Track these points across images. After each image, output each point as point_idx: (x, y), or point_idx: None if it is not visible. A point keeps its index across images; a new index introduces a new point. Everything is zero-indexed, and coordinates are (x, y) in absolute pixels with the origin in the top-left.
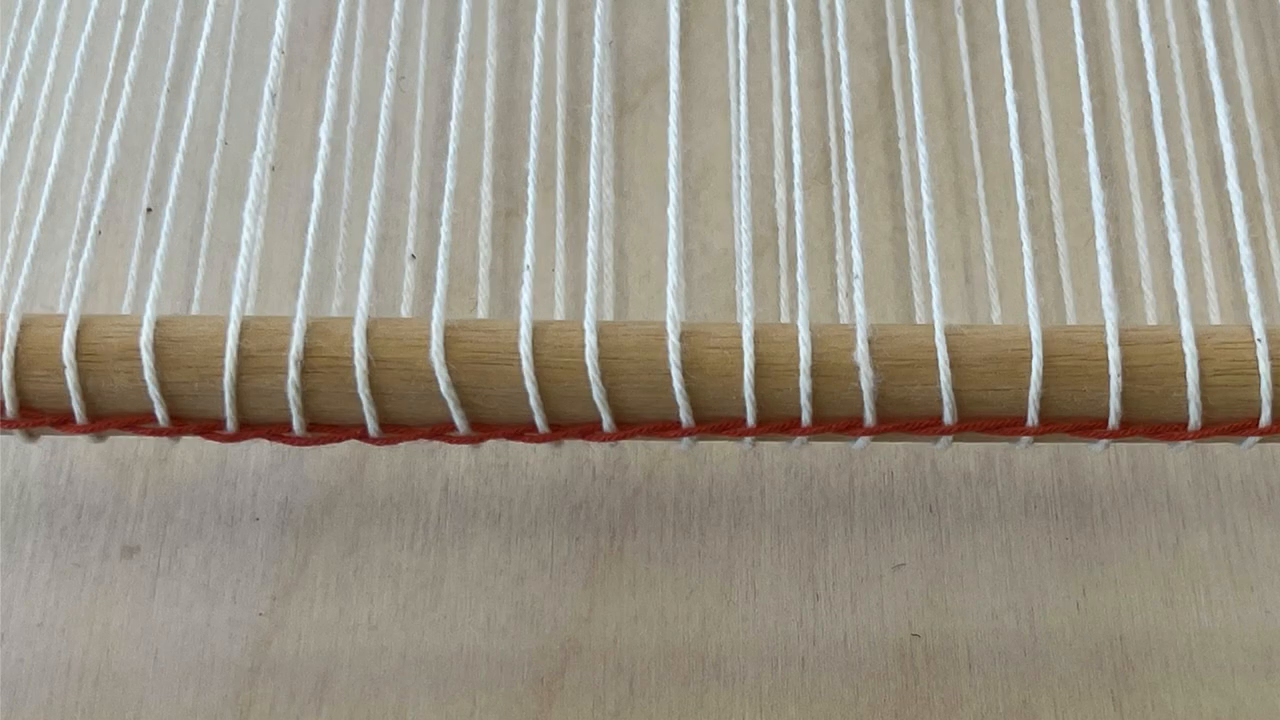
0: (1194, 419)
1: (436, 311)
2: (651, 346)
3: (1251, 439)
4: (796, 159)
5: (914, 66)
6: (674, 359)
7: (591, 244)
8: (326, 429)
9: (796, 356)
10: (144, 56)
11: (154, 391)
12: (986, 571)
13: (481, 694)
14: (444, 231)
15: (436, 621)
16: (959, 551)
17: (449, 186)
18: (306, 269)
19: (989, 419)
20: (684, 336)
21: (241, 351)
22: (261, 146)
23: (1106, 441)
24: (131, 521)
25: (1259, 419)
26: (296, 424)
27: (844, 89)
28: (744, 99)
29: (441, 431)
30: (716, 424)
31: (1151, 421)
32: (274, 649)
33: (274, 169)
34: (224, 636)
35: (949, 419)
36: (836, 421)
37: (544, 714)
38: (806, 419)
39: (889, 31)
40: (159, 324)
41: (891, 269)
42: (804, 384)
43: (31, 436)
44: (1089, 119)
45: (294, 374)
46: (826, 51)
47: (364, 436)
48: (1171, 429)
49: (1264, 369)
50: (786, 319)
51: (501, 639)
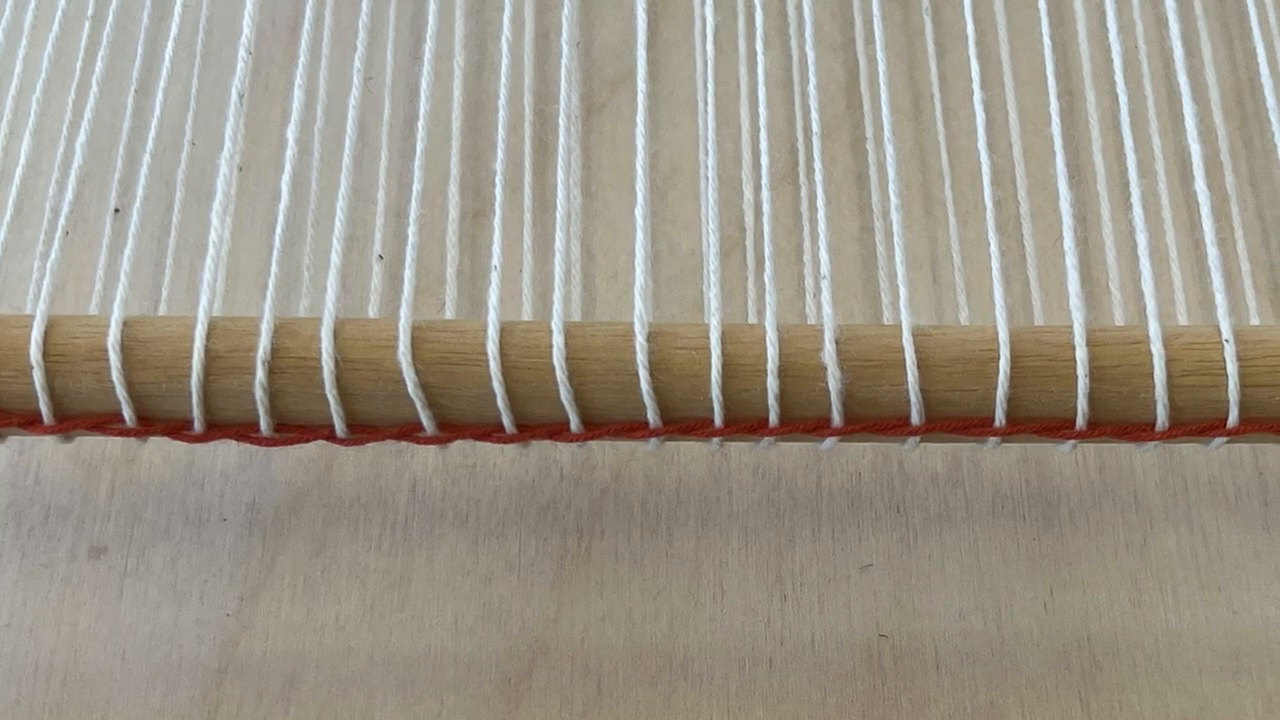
0: (1161, 419)
1: (404, 312)
2: (619, 347)
3: (1219, 439)
4: (764, 159)
5: (881, 67)
6: (641, 359)
7: (559, 244)
8: (294, 429)
9: (764, 357)
10: (111, 57)
11: (121, 392)
12: (954, 572)
13: (449, 694)
14: (411, 232)
15: (404, 622)
16: (926, 552)
17: (416, 187)
18: (274, 269)
19: (957, 419)
20: (651, 337)
21: (209, 352)
22: (229, 147)
23: (1074, 442)
24: (99, 522)
25: (1226, 419)
26: (264, 424)
27: (811, 89)
28: (711, 99)
29: (409, 432)
30: (684, 424)
31: (1119, 422)
32: (241, 649)
33: (241, 169)
34: (191, 637)
35: (916, 419)
36: (804, 422)
37: (511, 715)
38: (774, 419)
39: (856, 32)
40: (127, 324)
41: (859, 269)
42: (771, 384)
43: None
44: (1056, 119)
45: (261, 374)
46: (794, 52)
47: (331, 437)
48: (1139, 429)
49: (1231, 370)
50: (754, 319)
51: (469, 640)
